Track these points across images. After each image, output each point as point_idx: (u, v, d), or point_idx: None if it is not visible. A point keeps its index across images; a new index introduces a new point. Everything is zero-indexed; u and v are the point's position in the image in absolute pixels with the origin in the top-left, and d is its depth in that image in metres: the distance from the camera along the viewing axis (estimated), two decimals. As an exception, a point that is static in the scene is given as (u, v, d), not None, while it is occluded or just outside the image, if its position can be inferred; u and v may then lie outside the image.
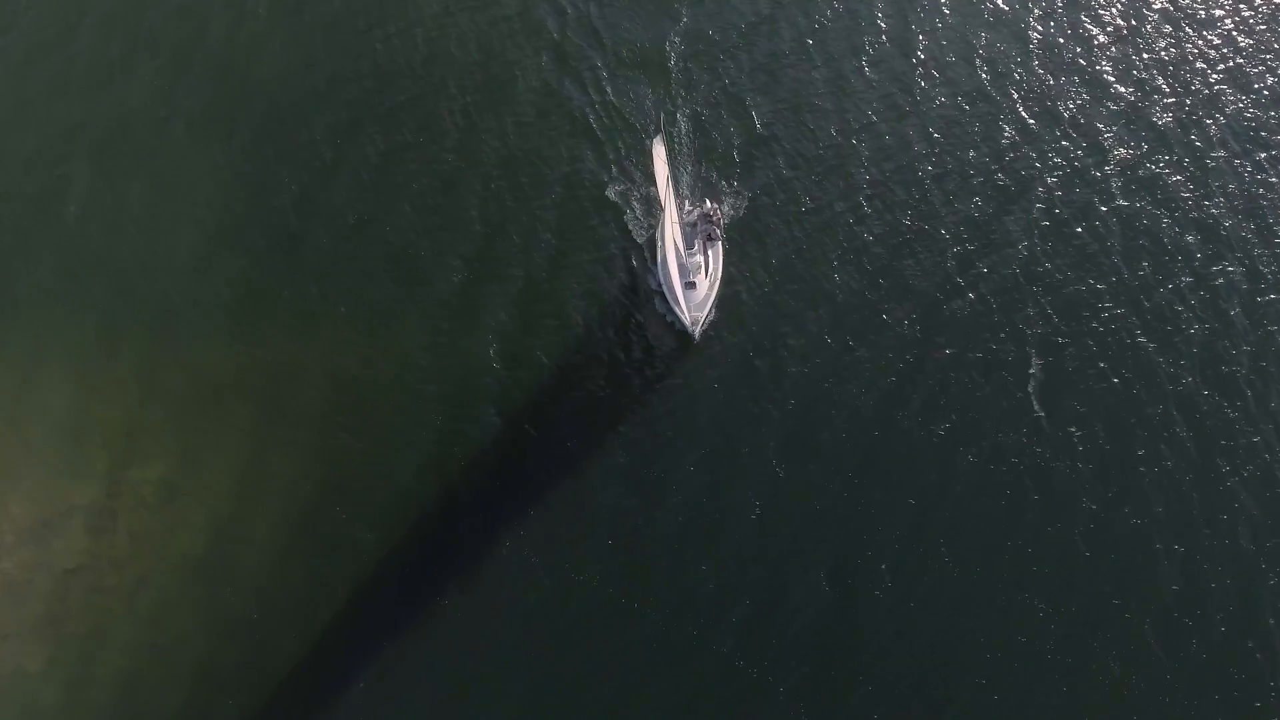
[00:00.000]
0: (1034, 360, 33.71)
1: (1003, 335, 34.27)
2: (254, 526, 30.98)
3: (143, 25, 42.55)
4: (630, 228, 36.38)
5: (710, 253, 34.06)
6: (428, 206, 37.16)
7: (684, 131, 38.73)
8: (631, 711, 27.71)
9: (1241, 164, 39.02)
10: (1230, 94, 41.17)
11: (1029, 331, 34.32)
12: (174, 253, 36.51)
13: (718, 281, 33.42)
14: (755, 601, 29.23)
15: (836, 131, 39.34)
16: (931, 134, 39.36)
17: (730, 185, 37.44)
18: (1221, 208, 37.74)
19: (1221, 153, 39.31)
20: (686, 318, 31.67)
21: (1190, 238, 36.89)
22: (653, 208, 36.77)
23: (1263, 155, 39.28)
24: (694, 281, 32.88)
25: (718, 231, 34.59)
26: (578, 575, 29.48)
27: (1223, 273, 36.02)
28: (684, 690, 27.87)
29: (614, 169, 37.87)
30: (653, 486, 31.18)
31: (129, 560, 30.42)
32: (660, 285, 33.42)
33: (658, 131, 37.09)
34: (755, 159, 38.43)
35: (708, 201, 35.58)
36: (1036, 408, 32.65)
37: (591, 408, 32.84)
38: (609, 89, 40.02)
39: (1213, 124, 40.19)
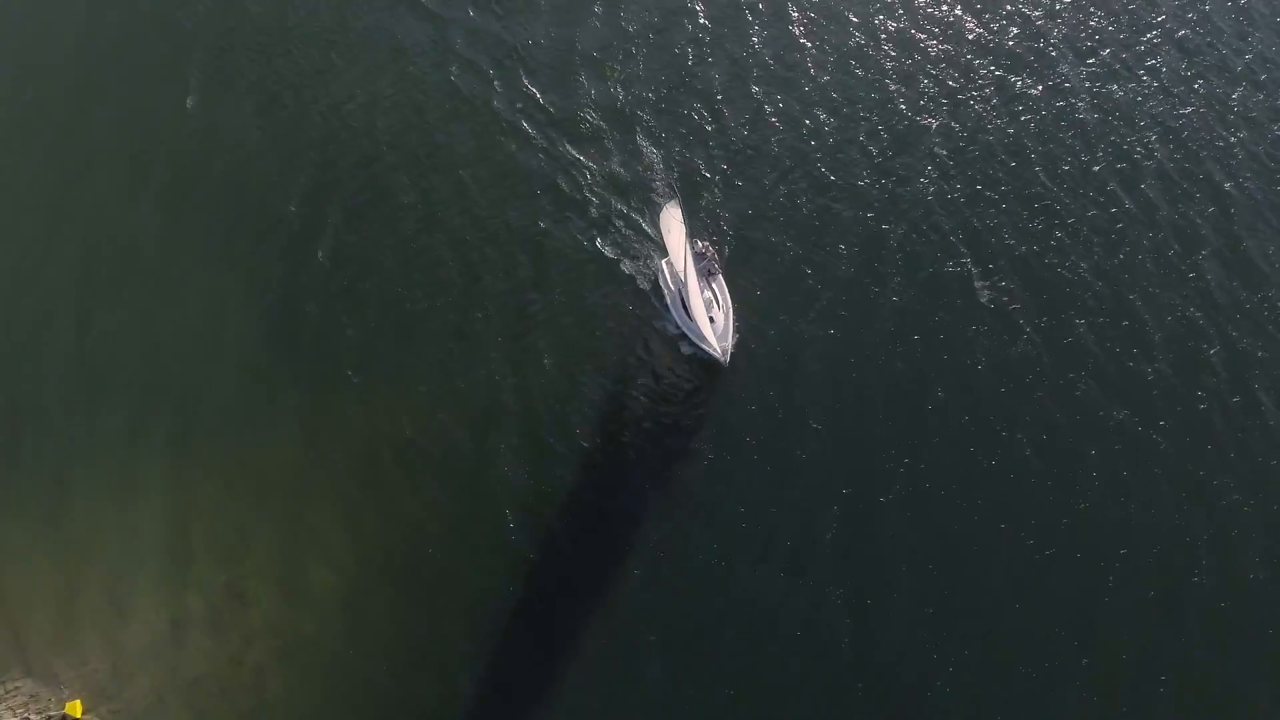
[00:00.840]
0: (970, 266, 39.15)
1: (939, 254, 39.61)
2: (348, 586, 33.20)
3: (90, 143, 43.52)
4: (600, 245, 39.66)
5: (715, 286, 37.49)
6: (409, 254, 39.60)
7: (627, 166, 42.02)
8: (710, 646, 31.67)
9: (1089, 69, 45.66)
10: (1068, 11, 47.91)
11: (962, 247, 39.78)
12: (181, 351, 38.04)
13: (730, 309, 37.08)
14: (789, 535, 33.25)
15: (748, 119, 43.47)
16: (834, 98, 44.29)
17: (709, 212, 40.81)
18: (1083, 112, 44.20)
19: (1069, 64, 45.80)
20: (717, 350, 35.14)
21: (1068, 136, 43.20)
22: (614, 224, 40.18)
23: (1106, 53, 46.20)
24: (713, 316, 36.31)
25: (715, 265, 38.11)
26: (660, 551, 33.18)
27: (1100, 163, 42.40)
28: (751, 627, 31.85)
29: (569, 193, 41.04)
30: (677, 463, 34.99)
31: (243, 653, 32.57)
32: (680, 328, 36.75)
33: (674, 195, 40.09)
34: (684, 167, 42.05)
35: (698, 241, 38.80)
36: (984, 304, 38.17)
37: (613, 408, 36.20)
38: (544, 123, 43.10)
39: (1058, 39, 46.71)
